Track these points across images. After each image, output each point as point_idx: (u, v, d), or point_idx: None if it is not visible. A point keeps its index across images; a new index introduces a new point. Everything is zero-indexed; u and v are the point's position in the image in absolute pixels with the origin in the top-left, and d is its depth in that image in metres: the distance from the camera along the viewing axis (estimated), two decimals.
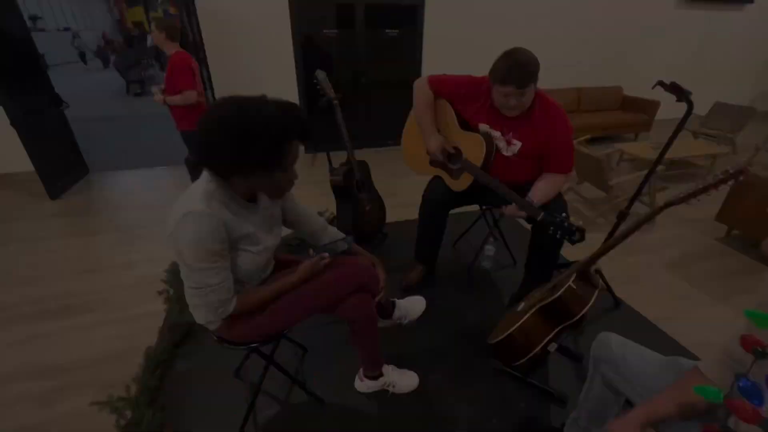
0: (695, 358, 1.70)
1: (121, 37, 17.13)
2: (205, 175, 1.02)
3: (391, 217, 2.73)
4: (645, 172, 1.72)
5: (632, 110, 5.32)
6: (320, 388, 1.57)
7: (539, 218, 1.50)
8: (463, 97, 1.74)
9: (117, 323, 1.97)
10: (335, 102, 2.10)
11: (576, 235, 1.43)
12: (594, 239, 2.71)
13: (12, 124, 3.11)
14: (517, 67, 1.44)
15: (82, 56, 14.74)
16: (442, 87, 1.77)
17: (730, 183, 0.95)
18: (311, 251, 1.26)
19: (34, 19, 13.56)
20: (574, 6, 4.89)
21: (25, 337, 1.90)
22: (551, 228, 1.48)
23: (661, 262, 2.51)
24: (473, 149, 1.71)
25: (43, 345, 1.85)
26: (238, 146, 0.91)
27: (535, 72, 1.47)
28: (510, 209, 1.60)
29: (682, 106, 1.42)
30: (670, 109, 5.53)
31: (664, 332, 1.88)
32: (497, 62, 1.50)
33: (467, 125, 1.78)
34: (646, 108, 5.13)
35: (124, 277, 2.34)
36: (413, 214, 2.08)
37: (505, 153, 1.70)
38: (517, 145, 1.66)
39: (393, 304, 1.62)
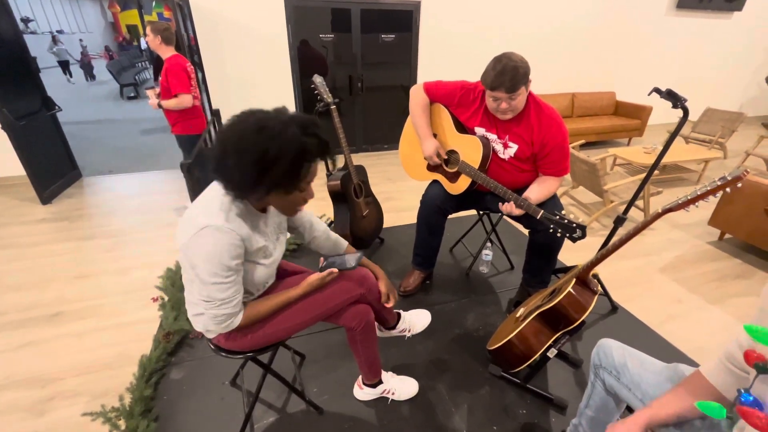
0: (693, 362, 1.72)
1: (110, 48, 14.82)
2: (217, 185, 0.98)
3: (387, 221, 2.72)
4: (640, 177, 1.74)
5: (625, 115, 5.39)
6: (318, 396, 1.55)
7: (539, 216, 1.50)
8: (458, 102, 1.76)
9: (110, 330, 1.94)
10: (333, 107, 2.10)
11: (577, 232, 1.42)
12: (589, 243, 2.75)
13: (3, 128, 3.06)
14: (506, 72, 1.47)
15: (64, 65, 11.90)
16: (437, 92, 1.81)
17: (728, 189, 0.96)
18: (323, 261, 1.25)
19: (26, 21, 13.41)
20: (568, 13, 4.95)
21: (16, 345, 1.85)
22: (551, 226, 1.48)
23: (655, 266, 2.52)
24: (470, 152, 1.72)
25: (34, 353, 1.81)
26: (257, 169, 0.88)
27: (524, 76, 1.49)
28: (507, 206, 1.60)
29: (674, 112, 1.45)
30: (662, 114, 5.62)
31: (661, 336, 1.89)
32: (487, 68, 1.53)
33: (464, 129, 1.79)
34: (639, 113, 5.20)
35: (117, 284, 2.31)
36: (410, 218, 2.08)
37: (501, 156, 1.72)
38: (513, 147, 1.67)
39: (398, 316, 1.61)
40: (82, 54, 12.17)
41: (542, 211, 1.50)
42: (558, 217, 1.46)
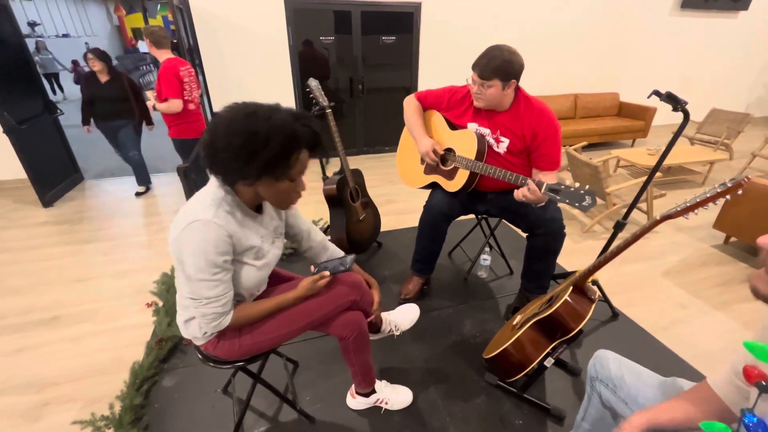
0: (694, 370, 1.67)
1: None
2: (212, 181, 1.00)
3: (388, 224, 2.69)
4: (642, 179, 1.71)
5: (629, 116, 5.32)
6: (311, 405, 1.53)
7: (542, 190, 1.40)
8: (448, 105, 1.82)
9: (105, 335, 1.93)
10: (328, 111, 2.08)
11: (586, 199, 1.33)
12: (591, 247, 2.70)
13: (4, 131, 3.08)
14: (491, 59, 1.51)
15: (52, 79, 8.97)
16: (428, 98, 1.88)
17: (728, 196, 0.93)
18: (313, 267, 1.23)
19: (32, 25, 13.52)
20: (571, 13, 4.90)
21: (13, 349, 1.86)
22: (559, 197, 1.37)
23: (658, 270, 2.48)
24: (465, 144, 1.73)
25: (31, 357, 1.81)
26: (245, 150, 0.89)
27: (505, 72, 1.51)
28: (521, 192, 1.47)
29: (679, 113, 1.41)
30: (666, 115, 5.53)
31: (663, 344, 1.84)
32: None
33: (457, 128, 1.81)
34: (643, 114, 5.13)
35: (114, 287, 2.30)
36: (411, 221, 2.05)
37: (496, 149, 1.72)
38: (505, 141, 1.68)
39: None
40: (74, 63, 9.32)
41: (546, 183, 1.40)
42: (564, 187, 1.37)
